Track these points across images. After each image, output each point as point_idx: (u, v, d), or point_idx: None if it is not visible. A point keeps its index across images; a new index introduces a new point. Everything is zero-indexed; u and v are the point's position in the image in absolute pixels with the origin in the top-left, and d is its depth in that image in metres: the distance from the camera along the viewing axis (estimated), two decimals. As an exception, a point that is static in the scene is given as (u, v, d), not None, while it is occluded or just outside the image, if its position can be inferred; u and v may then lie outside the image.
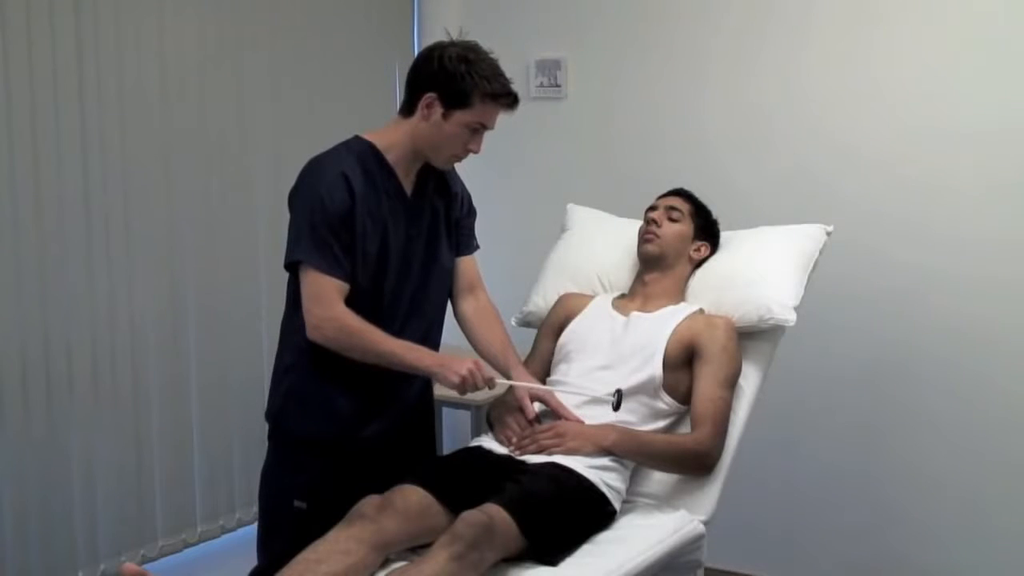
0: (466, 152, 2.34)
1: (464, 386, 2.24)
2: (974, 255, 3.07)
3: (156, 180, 3.03)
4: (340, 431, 2.37)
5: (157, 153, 3.02)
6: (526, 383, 2.44)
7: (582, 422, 2.42)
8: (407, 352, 2.27)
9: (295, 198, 2.30)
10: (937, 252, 3.11)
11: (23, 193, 2.72)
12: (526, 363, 2.60)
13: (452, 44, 2.29)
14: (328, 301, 2.24)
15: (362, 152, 2.31)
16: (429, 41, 3.74)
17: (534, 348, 2.72)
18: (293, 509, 2.34)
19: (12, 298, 2.72)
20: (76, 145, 2.82)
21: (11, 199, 2.70)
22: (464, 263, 2.55)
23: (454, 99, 2.25)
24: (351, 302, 2.27)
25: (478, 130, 2.30)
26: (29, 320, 2.75)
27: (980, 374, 3.09)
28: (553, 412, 2.44)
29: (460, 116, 2.26)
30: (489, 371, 2.31)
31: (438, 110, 2.26)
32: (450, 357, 2.28)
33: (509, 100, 2.29)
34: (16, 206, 2.71)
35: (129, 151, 2.94)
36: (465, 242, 2.54)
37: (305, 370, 2.36)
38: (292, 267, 2.30)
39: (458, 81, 2.23)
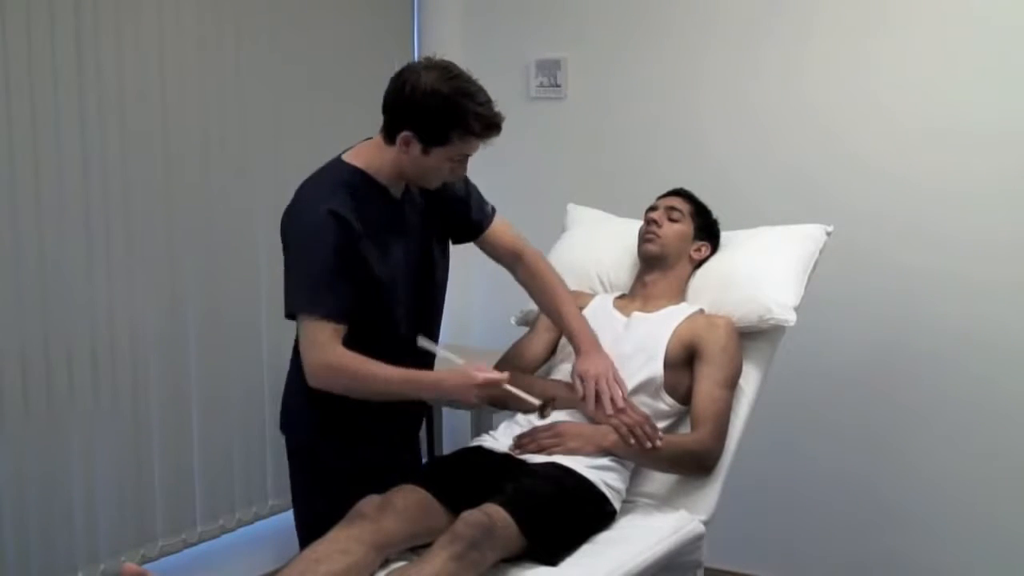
0: (453, 177, 2.29)
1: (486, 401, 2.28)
2: (974, 256, 3.07)
3: (156, 181, 3.02)
4: (385, 456, 2.36)
5: (157, 154, 3.02)
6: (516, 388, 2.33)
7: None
8: (405, 386, 2.23)
9: (288, 242, 2.23)
10: (937, 253, 3.11)
11: (23, 194, 2.72)
12: (522, 342, 2.65)
13: (426, 68, 2.15)
14: (322, 346, 2.16)
15: (350, 180, 2.23)
16: (429, 41, 3.71)
17: (531, 332, 2.71)
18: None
19: (12, 299, 2.72)
20: (76, 146, 2.82)
21: (11, 200, 2.69)
22: (494, 232, 2.49)
23: (431, 138, 2.16)
24: (368, 326, 2.22)
25: (461, 160, 2.24)
26: (29, 320, 2.75)
27: (980, 375, 3.09)
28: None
29: (440, 152, 2.18)
30: (490, 373, 2.22)
31: (416, 147, 2.18)
32: (450, 382, 2.21)
33: (489, 133, 2.18)
34: (16, 207, 2.71)
35: (129, 152, 2.94)
36: (478, 214, 2.46)
37: (334, 398, 2.25)
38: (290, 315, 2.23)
39: (434, 120, 2.14)
